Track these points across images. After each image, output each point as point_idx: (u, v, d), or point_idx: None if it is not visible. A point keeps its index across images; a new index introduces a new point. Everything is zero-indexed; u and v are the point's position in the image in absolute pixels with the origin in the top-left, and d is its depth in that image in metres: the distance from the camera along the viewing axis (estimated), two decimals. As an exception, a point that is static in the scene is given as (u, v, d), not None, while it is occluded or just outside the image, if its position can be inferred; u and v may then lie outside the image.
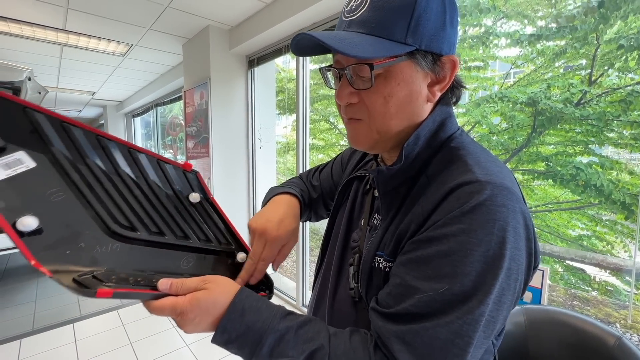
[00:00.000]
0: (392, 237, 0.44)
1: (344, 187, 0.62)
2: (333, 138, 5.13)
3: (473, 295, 0.35)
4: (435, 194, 0.40)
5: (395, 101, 0.42)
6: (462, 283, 0.35)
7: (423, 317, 0.36)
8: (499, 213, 0.35)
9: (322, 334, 0.40)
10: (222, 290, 0.42)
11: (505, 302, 0.37)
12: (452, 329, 0.34)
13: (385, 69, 0.41)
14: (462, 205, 0.36)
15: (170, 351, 1.95)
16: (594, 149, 1.97)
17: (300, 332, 0.40)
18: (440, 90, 0.44)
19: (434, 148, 0.45)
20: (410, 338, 0.35)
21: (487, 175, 0.38)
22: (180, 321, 0.41)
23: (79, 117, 9.21)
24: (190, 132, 3.06)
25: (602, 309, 1.85)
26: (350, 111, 0.46)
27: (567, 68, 2.14)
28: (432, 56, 0.42)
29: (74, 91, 5.32)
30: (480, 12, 2.42)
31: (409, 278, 0.38)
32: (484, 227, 0.35)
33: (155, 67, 3.90)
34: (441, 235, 0.37)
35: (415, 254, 0.39)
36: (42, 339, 2.07)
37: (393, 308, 0.38)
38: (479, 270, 0.35)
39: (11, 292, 2.76)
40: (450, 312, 0.35)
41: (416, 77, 0.42)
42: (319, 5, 1.86)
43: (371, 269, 0.46)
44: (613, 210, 1.87)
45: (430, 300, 0.35)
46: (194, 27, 2.66)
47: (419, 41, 0.40)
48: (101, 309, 2.46)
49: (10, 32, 2.76)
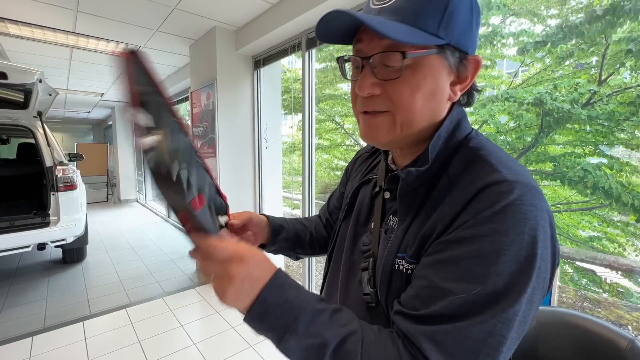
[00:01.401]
0: (415, 238, 0.43)
1: (354, 193, 0.62)
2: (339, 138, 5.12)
3: (507, 295, 0.34)
4: (463, 194, 0.39)
5: (421, 95, 0.41)
6: (495, 283, 0.34)
7: (453, 318, 0.35)
8: (529, 212, 0.35)
9: (355, 321, 0.40)
10: (265, 258, 0.42)
11: (535, 302, 0.36)
12: (485, 328, 0.34)
13: (414, 60, 0.40)
14: (492, 205, 0.36)
15: (177, 349, 1.97)
16: (604, 149, 1.94)
17: (334, 317, 0.39)
18: (461, 90, 0.44)
19: (452, 148, 0.45)
20: (440, 337, 0.35)
21: (514, 175, 0.37)
22: (226, 282, 0.38)
23: (88, 118, 9.33)
24: (197, 132, 3.08)
25: (614, 310, 1.82)
26: (369, 103, 0.44)
27: (578, 66, 2.11)
28: (460, 54, 0.42)
29: (83, 93, 5.40)
30: (489, 10, 2.39)
31: (437, 280, 0.37)
32: (516, 227, 0.35)
33: (162, 68, 3.94)
34: (471, 236, 0.36)
35: (443, 254, 0.38)
36: (53, 337, 2.11)
37: (422, 310, 0.37)
38: (512, 269, 0.34)
39: (23, 290, 2.82)
40: (483, 312, 0.34)
41: (442, 73, 0.42)
42: (324, 6, 1.86)
43: (391, 272, 0.45)
44: (624, 212, 1.84)
45: (462, 302, 0.35)
46: (200, 28, 2.68)
47: (450, 36, 0.40)
48: (110, 308, 2.49)
49: (21, 35, 2.81)
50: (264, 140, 2.93)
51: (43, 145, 2.92)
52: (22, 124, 2.98)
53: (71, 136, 10.89)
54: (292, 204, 5.19)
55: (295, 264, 3.74)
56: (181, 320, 2.31)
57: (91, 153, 7.26)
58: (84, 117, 8.92)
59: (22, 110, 2.99)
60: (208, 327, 2.22)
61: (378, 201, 0.54)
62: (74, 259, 3.44)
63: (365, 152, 0.69)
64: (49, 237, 2.73)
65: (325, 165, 5.25)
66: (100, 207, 6.90)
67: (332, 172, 5.23)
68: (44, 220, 2.72)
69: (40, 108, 3.06)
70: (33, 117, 3.07)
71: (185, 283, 2.97)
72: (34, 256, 3.68)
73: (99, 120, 10.07)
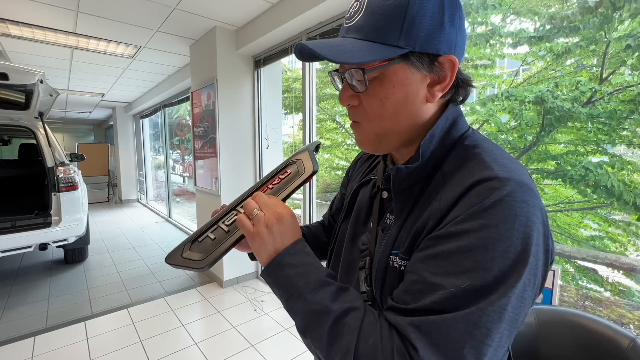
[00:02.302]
0: (408, 234, 0.43)
1: (354, 193, 0.62)
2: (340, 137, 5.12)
3: (495, 290, 0.34)
4: (454, 190, 0.40)
5: (391, 103, 0.43)
6: (483, 278, 0.35)
7: (443, 312, 0.35)
8: (520, 209, 0.35)
9: (359, 300, 0.42)
10: (297, 223, 0.48)
11: (527, 298, 0.36)
12: (470, 320, 0.34)
13: (380, 72, 0.42)
14: (482, 200, 0.36)
15: (179, 349, 1.98)
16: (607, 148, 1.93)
17: (341, 292, 0.42)
18: (442, 90, 0.44)
19: (447, 146, 0.46)
20: (426, 327, 0.35)
21: (506, 172, 0.38)
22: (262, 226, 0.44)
23: (89, 119, 9.35)
24: (197, 132, 3.09)
25: (615, 309, 1.82)
26: (353, 113, 0.48)
27: (579, 66, 2.10)
28: (429, 57, 0.42)
29: (84, 93, 5.41)
30: (486, 9, 2.39)
31: (427, 274, 0.38)
32: (506, 223, 0.35)
33: (163, 68, 3.95)
34: (461, 231, 0.37)
35: (434, 249, 0.39)
36: (55, 337, 2.12)
37: (411, 304, 0.38)
38: (501, 265, 0.35)
39: (25, 290, 2.83)
40: (470, 305, 0.35)
41: (412, 79, 0.42)
42: (324, 5, 1.86)
43: (385, 269, 0.46)
44: (626, 211, 1.83)
45: (450, 296, 0.35)
46: (200, 28, 2.68)
47: (413, 43, 0.40)
48: (112, 308, 2.50)
49: (22, 36, 2.82)
50: (264, 140, 2.93)
51: (44, 145, 2.93)
52: (23, 125, 2.99)
53: (72, 136, 10.92)
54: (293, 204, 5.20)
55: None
56: (182, 320, 2.32)
57: (92, 153, 7.28)
58: (85, 117, 8.94)
59: (24, 110, 3.00)
60: (209, 327, 2.22)
61: (376, 201, 0.55)
62: (76, 259, 3.45)
63: (366, 154, 0.70)
64: (51, 238, 2.74)
65: (326, 164, 5.25)
66: (102, 208, 6.91)
67: (332, 171, 5.23)
68: (45, 220, 2.73)
69: (42, 108, 3.07)
70: (34, 117, 3.08)
71: (186, 283, 2.98)
72: (36, 256, 3.69)
73: (100, 121, 10.09)
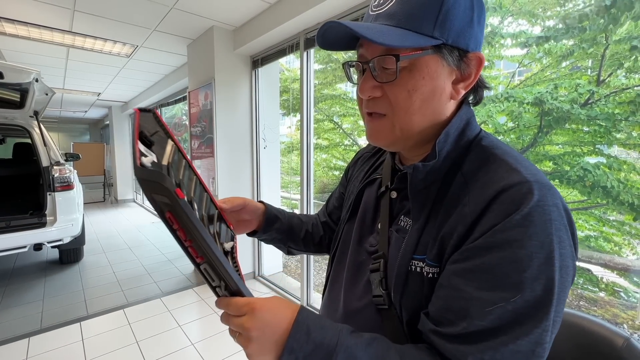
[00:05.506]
0: (435, 240, 0.42)
1: (358, 193, 0.61)
2: (337, 138, 5.12)
3: (545, 300, 0.34)
4: (483, 195, 0.38)
5: (419, 96, 0.41)
6: (532, 289, 0.33)
7: (497, 332, 0.34)
8: (553, 213, 0.35)
9: (391, 352, 0.38)
10: (280, 302, 0.40)
11: (562, 298, 0.36)
12: (532, 339, 0.33)
13: (411, 62, 0.41)
14: (519, 207, 0.35)
15: (175, 350, 1.97)
16: (603, 148, 1.95)
17: (370, 350, 0.37)
18: (465, 88, 0.44)
19: (463, 147, 0.45)
20: (489, 356, 0.33)
21: (532, 174, 0.37)
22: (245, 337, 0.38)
23: (85, 118, 9.29)
24: (194, 132, 3.08)
25: (609, 309, 1.83)
26: (372, 105, 0.45)
27: (574, 68, 2.12)
28: (459, 52, 0.41)
29: (80, 92, 5.37)
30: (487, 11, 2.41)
31: (470, 289, 0.36)
32: (544, 229, 0.34)
33: (160, 68, 3.92)
34: (502, 241, 0.35)
35: (473, 262, 0.36)
36: (49, 337, 2.10)
37: (458, 326, 0.36)
38: (545, 272, 0.34)
39: (19, 291, 2.80)
40: (525, 321, 0.33)
41: (441, 72, 0.41)
42: (323, 5, 1.86)
43: (407, 274, 0.44)
44: (621, 211, 1.85)
45: (502, 312, 0.33)
46: (198, 28, 2.67)
47: (446, 35, 0.40)
48: (108, 308, 2.48)
49: (17, 34, 2.79)
50: (262, 140, 2.92)
51: (39, 144, 2.91)
52: (18, 124, 2.96)
53: (68, 136, 10.83)
54: (291, 204, 5.20)
55: (294, 263, 3.74)
56: (179, 320, 2.31)
57: (88, 153, 7.22)
58: (80, 116, 8.87)
59: (19, 109, 2.97)
60: (206, 327, 2.21)
61: (384, 201, 0.53)
62: (71, 259, 3.42)
63: (367, 152, 0.69)
64: (46, 238, 2.72)
65: (324, 165, 5.25)
66: (97, 208, 6.86)
67: (330, 171, 5.23)
68: (40, 220, 2.71)
69: (37, 107, 3.04)
70: (29, 116, 3.05)
71: (183, 283, 2.96)
72: (31, 257, 3.66)
73: (95, 120, 10.02)
